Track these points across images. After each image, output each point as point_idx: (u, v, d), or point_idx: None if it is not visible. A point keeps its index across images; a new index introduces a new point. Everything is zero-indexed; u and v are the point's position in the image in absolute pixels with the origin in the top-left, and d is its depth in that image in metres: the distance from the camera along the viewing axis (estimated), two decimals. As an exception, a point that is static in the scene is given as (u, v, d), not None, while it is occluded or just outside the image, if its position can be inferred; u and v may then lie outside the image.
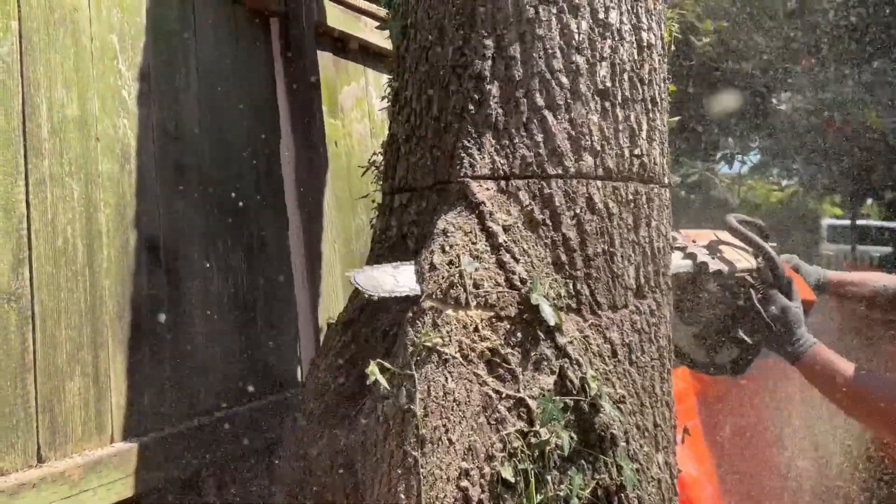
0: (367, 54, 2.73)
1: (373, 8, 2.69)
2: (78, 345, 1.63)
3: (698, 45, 5.40)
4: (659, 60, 1.77)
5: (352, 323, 1.67)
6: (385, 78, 2.85)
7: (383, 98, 2.07)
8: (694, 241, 1.91)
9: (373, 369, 1.29)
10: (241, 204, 2.12)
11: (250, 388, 2.09)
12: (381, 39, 2.73)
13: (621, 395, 1.49)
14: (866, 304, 1.99)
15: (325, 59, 2.50)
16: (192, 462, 1.81)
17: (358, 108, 2.67)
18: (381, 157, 1.95)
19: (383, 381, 1.29)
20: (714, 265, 1.84)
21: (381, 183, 1.89)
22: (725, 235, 1.90)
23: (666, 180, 1.75)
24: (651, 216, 1.67)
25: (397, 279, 1.46)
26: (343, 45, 2.62)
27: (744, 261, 1.85)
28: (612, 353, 1.51)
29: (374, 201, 1.97)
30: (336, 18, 2.53)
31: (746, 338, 1.79)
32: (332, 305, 2.38)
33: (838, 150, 6.53)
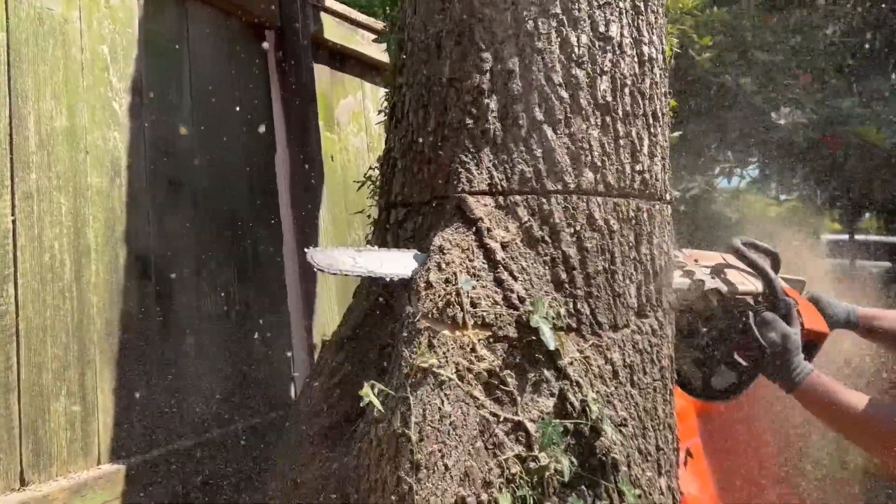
0: (364, 67, 2.70)
1: (370, 21, 2.66)
2: (64, 363, 1.59)
3: (698, 59, 5.37)
4: (660, 74, 1.73)
5: (346, 342, 1.62)
6: (382, 91, 2.82)
7: (380, 112, 2.04)
8: (696, 261, 1.87)
9: (366, 391, 1.25)
10: (234, 219, 2.08)
11: (242, 408, 2.04)
12: (379, 52, 2.70)
13: (623, 417, 1.44)
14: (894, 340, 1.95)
15: (321, 72, 2.47)
16: (181, 485, 1.76)
17: (354, 122, 2.64)
18: (377, 172, 1.92)
19: (377, 404, 1.25)
20: (712, 284, 1.80)
21: (376, 198, 1.86)
22: (734, 259, 1.86)
23: (667, 196, 1.72)
24: (653, 233, 1.63)
25: (356, 260, 1.42)
26: (340, 58, 2.59)
27: (748, 284, 1.81)
28: (614, 375, 1.46)
29: (369, 216, 1.93)
30: (333, 31, 2.50)
31: (742, 361, 1.74)
32: (326, 323, 2.34)
33: (837, 166, 6.50)
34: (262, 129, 2.24)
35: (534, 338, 1.37)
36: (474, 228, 1.46)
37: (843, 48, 6.49)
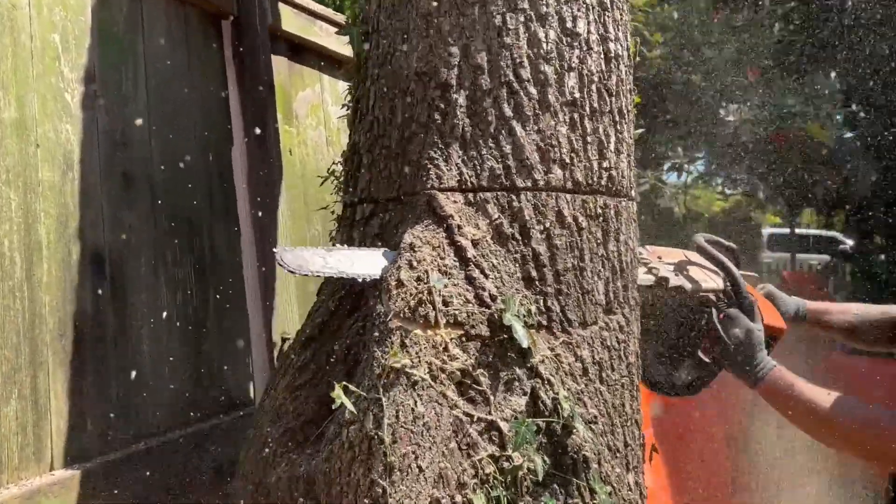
0: (322, 59, 2.65)
1: (328, 12, 2.61)
2: (15, 366, 1.52)
3: (649, 56, 5.45)
4: (626, 72, 1.74)
5: (312, 341, 1.59)
6: (341, 84, 2.78)
7: (343, 106, 2.00)
8: (660, 258, 1.88)
9: (338, 392, 1.22)
10: (191, 214, 2.02)
11: (201, 408, 1.99)
12: (338, 44, 2.66)
13: (593, 415, 1.44)
14: (846, 335, 1.98)
15: (279, 63, 2.42)
16: (139, 489, 1.71)
17: (313, 115, 2.59)
18: (340, 167, 1.88)
19: (349, 405, 1.22)
20: (676, 281, 1.81)
21: (340, 193, 1.82)
22: (696, 256, 1.88)
23: (633, 193, 1.72)
24: (619, 230, 1.63)
25: (326, 261, 1.40)
26: (298, 50, 2.54)
27: (710, 281, 1.83)
28: (584, 372, 1.46)
29: (333, 212, 1.90)
30: (291, 22, 2.45)
31: (706, 358, 1.76)
32: (286, 320, 2.29)
33: (782, 161, 6.68)
34: (219, 121, 2.18)
35: (505, 336, 1.36)
36: (445, 225, 1.44)
37: (789, 47, 6.66)
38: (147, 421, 1.82)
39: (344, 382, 1.26)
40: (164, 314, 1.89)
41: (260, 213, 2.25)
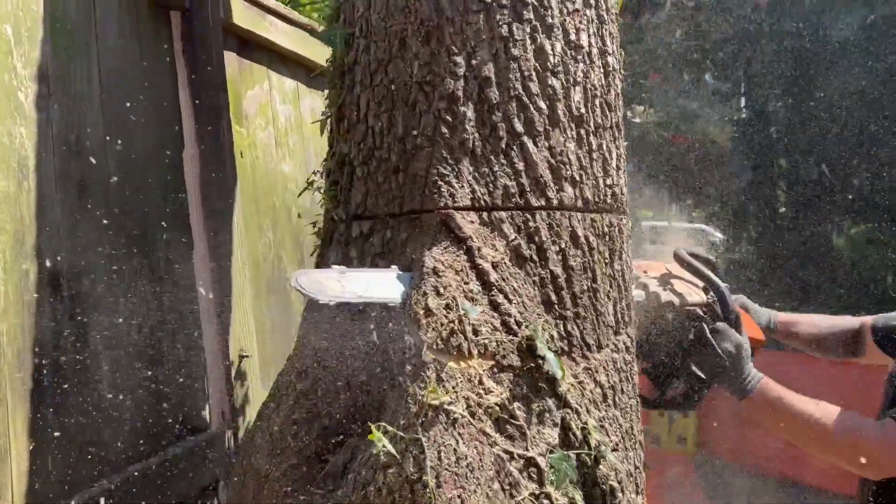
0: (270, 56, 2.49)
1: (279, 7, 2.46)
2: (-33, 404, 1.33)
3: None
4: (620, 86, 1.71)
5: (309, 370, 1.48)
6: (288, 82, 2.63)
7: (324, 113, 1.81)
8: (645, 272, 1.87)
9: (378, 435, 1.13)
10: (145, 225, 1.85)
11: (159, 436, 1.83)
12: (286, 40, 2.51)
13: (615, 441, 1.41)
14: (813, 346, 2.04)
15: (229, 59, 2.25)
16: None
17: (262, 115, 2.43)
18: (320, 178, 1.76)
19: (390, 447, 1.13)
20: (666, 296, 1.81)
21: (324, 206, 1.71)
22: (676, 268, 1.88)
23: (627, 209, 1.70)
24: (623, 248, 1.61)
25: (343, 285, 1.31)
26: (247, 46, 2.37)
27: (694, 294, 1.84)
28: (604, 398, 1.43)
29: (314, 224, 1.78)
30: (241, 16, 2.29)
31: (699, 372, 1.76)
32: (242, 336, 2.14)
33: (680, 161, 6.94)
34: (172, 123, 2.00)
35: (533, 364, 1.31)
36: (465, 248, 1.37)
37: (691, 51, 6.94)
38: (109, 456, 1.64)
39: (382, 424, 1.16)
40: (124, 335, 1.72)
41: (213, 221, 2.09)
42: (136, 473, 1.70)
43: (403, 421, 1.18)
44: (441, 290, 1.28)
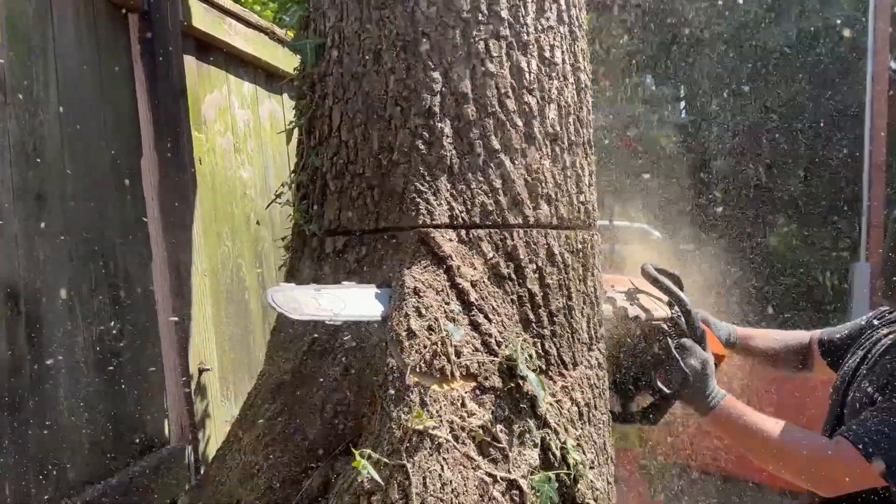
0: (229, 59, 2.43)
1: (238, 9, 2.40)
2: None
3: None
4: (590, 102, 1.72)
5: (282, 389, 1.45)
6: (247, 86, 2.57)
7: (291, 123, 1.76)
8: (613, 287, 1.89)
9: (364, 463, 1.11)
10: (103, 236, 1.78)
11: (119, 454, 1.77)
12: (245, 44, 2.46)
13: (591, 459, 1.42)
14: (769, 360, 2.08)
15: (188, 63, 2.19)
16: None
17: (221, 120, 2.37)
18: (288, 191, 1.72)
19: (374, 474, 1.11)
20: (633, 311, 1.83)
21: (293, 220, 1.67)
22: (641, 283, 1.90)
23: (597, 224, 1.71)
24: (595, 264, 1.62)
25: (319, 302, 1.29)
26: (206, 49, 2.31)
27: (659, 309, 1.85)
28: (580, 416, 1.44)
29: (283, 241, 1.74)
30: (201, 19, 2.23)
31: (665, 388, 1.77)
32: (203, 349, 2.09)
33: (627, 164, 7.07)
34: (131, 130, 1.94)
35: (513, 385, 1.30)
36: (444, 267, 1.35)
37: (637, 56, 7.08)
38: (66, 478, 1.58)
39: (366, 450, 1.14)
40: (82, 351, 1.66)
41: (171, 231, 2.03)
42: (96, 494, 1.64)
43: (387, 446, 1.16)
44: (423, 310, 1.26)
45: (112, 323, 1.78)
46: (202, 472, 2.01)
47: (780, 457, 1.70)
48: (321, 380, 1.42)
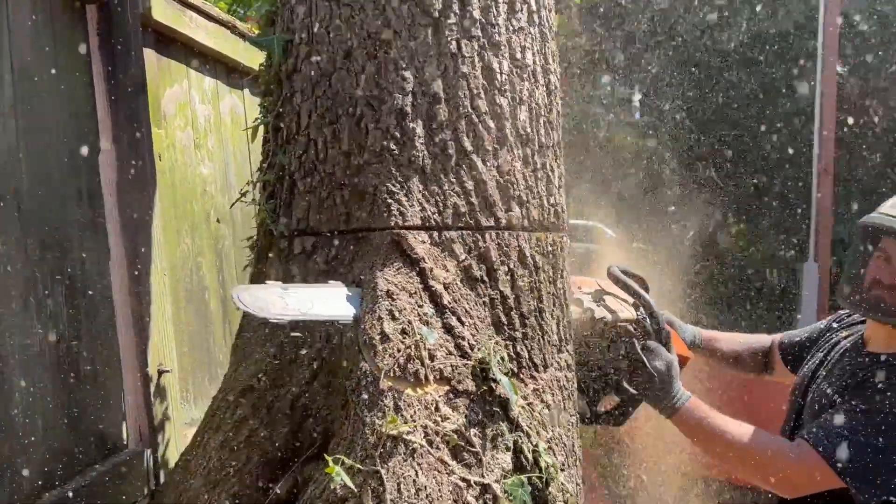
0: (189, 52, 2.38)
1: (199, 1, 2.34)
2: None
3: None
4: (559, 104, 1.72)
5: (249, 392, 1.42)
6: (207, 80, 2.52)
7: (256, 119, 1.72)
8: (580, 288, 1.90)
9: (336, 469, 1.09)
10: (60, 235, 1.73)
11: (76, 459, 1.71)
12: (207, 37, 2.40)
13: (562, 462, 1.42)
14: (732, 363, 2.11)
15: (147, 56, 2.13)
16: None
17: (181, 115, 2.32)
18: (253, 189, 1.69)
19: (348, 481, 1.10)
20: (599, 313, 1.84)
21: (259, 219, 1.64)
22: (608, 284, 1.91)
23: (567, 226, 1.72)
24: (564, 267, 1.62)
25: (286, 301, 1.27)
26: (166, 42, 2.25)
27: (625, 311, 1.87)
28: (550, 418, 1.44)
29: (248, 240, 1.70)
30: (161, 11, 2.16)
31: (631, 389, 1.79)
32: (162, 350, 2.03)
33: (581, 164, 7.13)
34: (88, 124, 1.88)
35: (486, 388, 1.30)
36: (418, 269, 1.34)
37: (594, 55, 7.15)
38: (21, 485, 1.53)
39: (339, 457, 1.12)
40: (38, 352, 1.60)
41: (131, 228, 1.97)
42: (52, 500, 1.59)
43: (361, 452, 1.15)
44: (396, 313, 1.25)
45: (68, 323, 1.72)
46: (161, 476, 1.96)
47: (742, 458, 1.72)
48: (290, 383, 1.40)
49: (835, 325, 1.86)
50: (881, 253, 1.60)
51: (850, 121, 5.88)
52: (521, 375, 1.41)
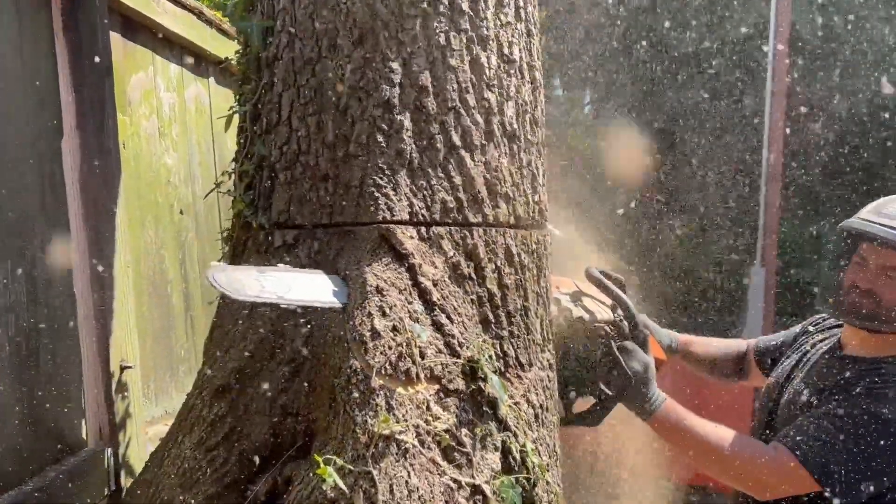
0: (155, 38, 2.29)
1: (167, -14, 2.27)
2: None
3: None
4: (543, 101, 1.71)
5: (225, 390, 1.36)
6: (173, 67, 2.44)
7: (231, 108, 1.65)
8: (558, 288, 1.88)
9: (328, 470, 1.05)
10: (22, 224, 1.64)
11: (33, 459, 1.63)
12: (174, 23, 2.32)
13: (547, 462, 1.40)
14: (708, 368, 2.11)
15: (114, 41, 2.04)
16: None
17: (146, 103, 2.23)
18: (230, 180, 1.63)
19: (340, 483, 1.06)
20: (577, 313, 1.83)
21: (235, 210, 1.58)
22: (585, 285, 1.90)
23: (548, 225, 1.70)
24: (546, 265, 1.61)
25: (262, 284, 1.22)
26: (132, 27, 2.17)
27: (603, 312, 1.86)
28: (535, 418, 1.42)
29: (222, 234, 1.65)
30: (128, -7, 2.08)
31: (608, 390, 1.77)
32: (124, 345, 1.96)
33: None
34: (52, 109, 1.80)
35: (475, 387, 1.27)
36: (407, 265, 1.31)
37: (554, 58, 7.20)
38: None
39: (331, 457, 1.09)
40: (-4, 348, 1.52)
41: (93, 218, 1.89)
42: (10, 501, 1.51)
43: (352, 452, 1.11)
44: (387, 310, 1.22)
45: (28, 315, 1.64)
46: (122, 476, 1.89)
47: (718, 461, 1.72)
48: (269, 380, 1.35)
49: (811, 328, 1.88)
50: (859, 258, 1.63)
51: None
52: (508, 374, 1.39)
